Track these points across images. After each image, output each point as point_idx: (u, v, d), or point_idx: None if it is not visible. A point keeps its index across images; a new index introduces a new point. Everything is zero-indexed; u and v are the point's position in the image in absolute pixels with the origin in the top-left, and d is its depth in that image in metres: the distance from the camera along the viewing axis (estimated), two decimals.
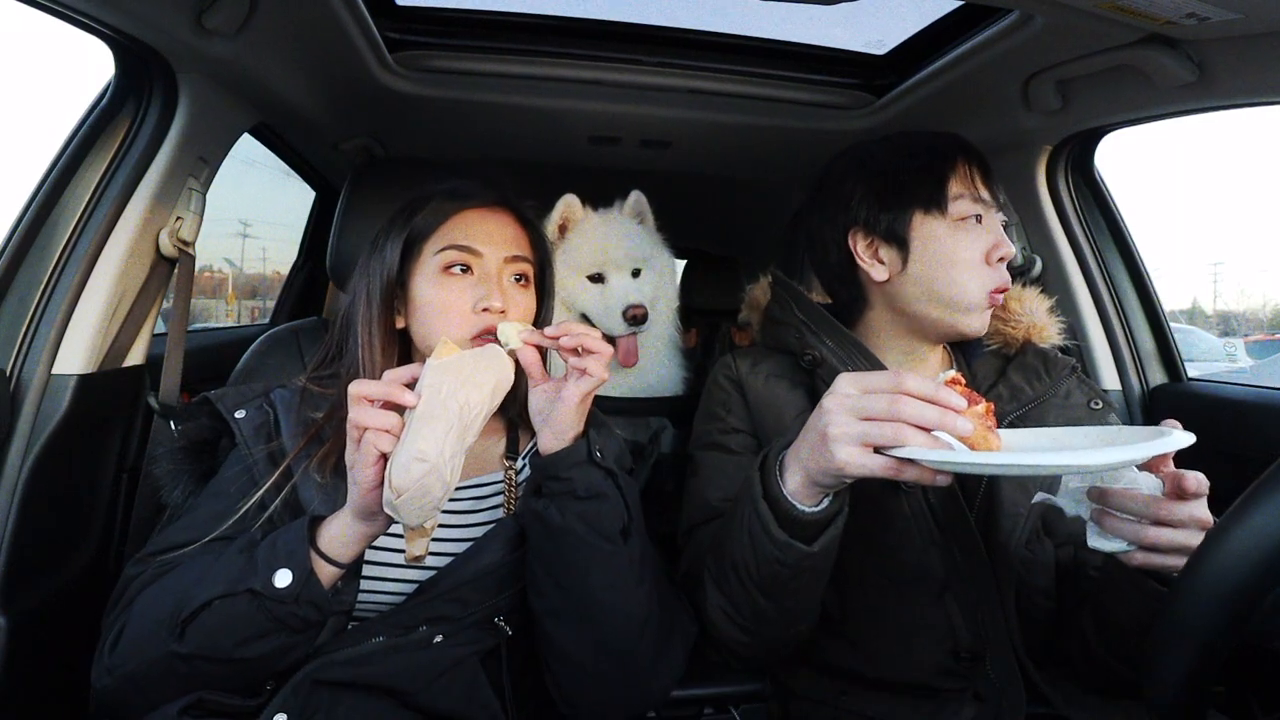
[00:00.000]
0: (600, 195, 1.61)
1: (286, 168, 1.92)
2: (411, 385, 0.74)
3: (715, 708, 1.12)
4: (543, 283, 1.03)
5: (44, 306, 1.06)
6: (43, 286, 1.06)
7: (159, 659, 0.75)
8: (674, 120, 1.60)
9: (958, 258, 0.99)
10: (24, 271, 1.06)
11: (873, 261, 1.05)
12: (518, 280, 0.97)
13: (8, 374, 1.02)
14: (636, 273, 1.51)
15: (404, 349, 0.98)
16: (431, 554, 0.88)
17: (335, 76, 1.35)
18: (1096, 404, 1.06)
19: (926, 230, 1.01)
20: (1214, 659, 0.54)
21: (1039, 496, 0.83)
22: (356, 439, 0.72)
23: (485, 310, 0.91)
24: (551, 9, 1.42)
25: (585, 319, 1.49)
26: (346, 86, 1.40)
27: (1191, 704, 0.55)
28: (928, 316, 1.03)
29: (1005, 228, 1.05)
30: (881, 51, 1.46)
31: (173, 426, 0.98)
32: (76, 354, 1.07)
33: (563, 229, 1.50)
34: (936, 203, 1.00)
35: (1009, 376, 1.08)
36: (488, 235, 0.95)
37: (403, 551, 0.88)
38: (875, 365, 1.03)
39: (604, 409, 1.19)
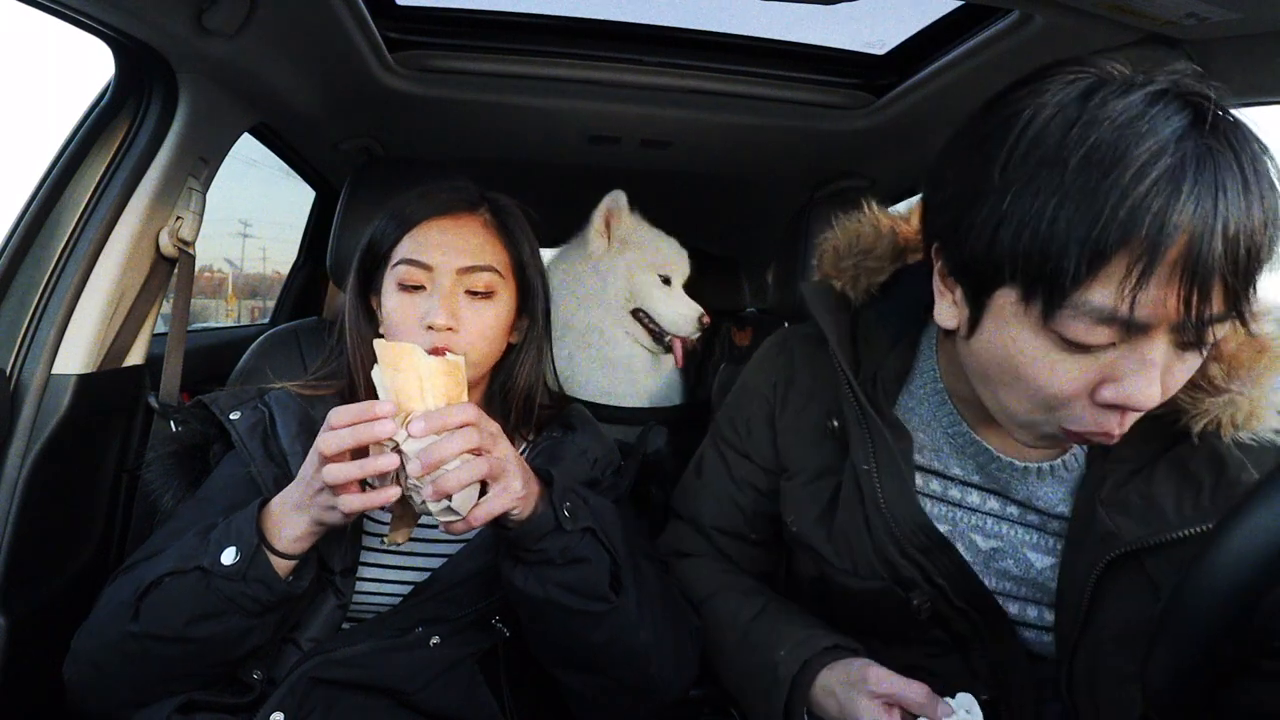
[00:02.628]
0: (600, 195, 1.61)
1: (286, 168, 1.92)
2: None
3: (715, 708, 1.12)
4: (523, 282, 0.98)
5: (44, 306, 1.06)
6: (43, 286, 1.06)
7: (116, 641, 0.75)
8: (674, 120, 1.60)
9: (1033, 379, 0.62)
10: (24, 271, 1.06)
11: (944, 292, 0.70)
12: (477, 294, 0.92)
13: (8, 374, 1.02)
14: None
15: None
16: (427, 555, 0.89)
17: (335, 76, 1.35)
18: None
19: (1008, 325, 0.62)
20: (1214, 659, 0.54)
21: None
22: (339, 490, 0.69)
23: (431, 328, 0.88)
24: (551, 9, 1.42)
25: (644, 316, 1.62)
26: (346, 86, 1.40)
27: (1192, 704, 0.55)
28: (985, 402, 0.71)
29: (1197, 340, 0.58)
30: (881, 51, 1.46)
31: (173, 427, 0.98)
32: (76, 354, 1.07)
33: (608, 224, 1.60)
34: (1043, 303, 0.58)
35: (1153, 480, 0.71)
36: (441, 247, 0.91)
37: (399, 553, 0.89)
38: (889, 448, 0.78)
39: (605, 418, 1.19)
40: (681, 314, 1.61)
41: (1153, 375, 0.58)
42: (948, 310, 0.70)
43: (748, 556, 0.97)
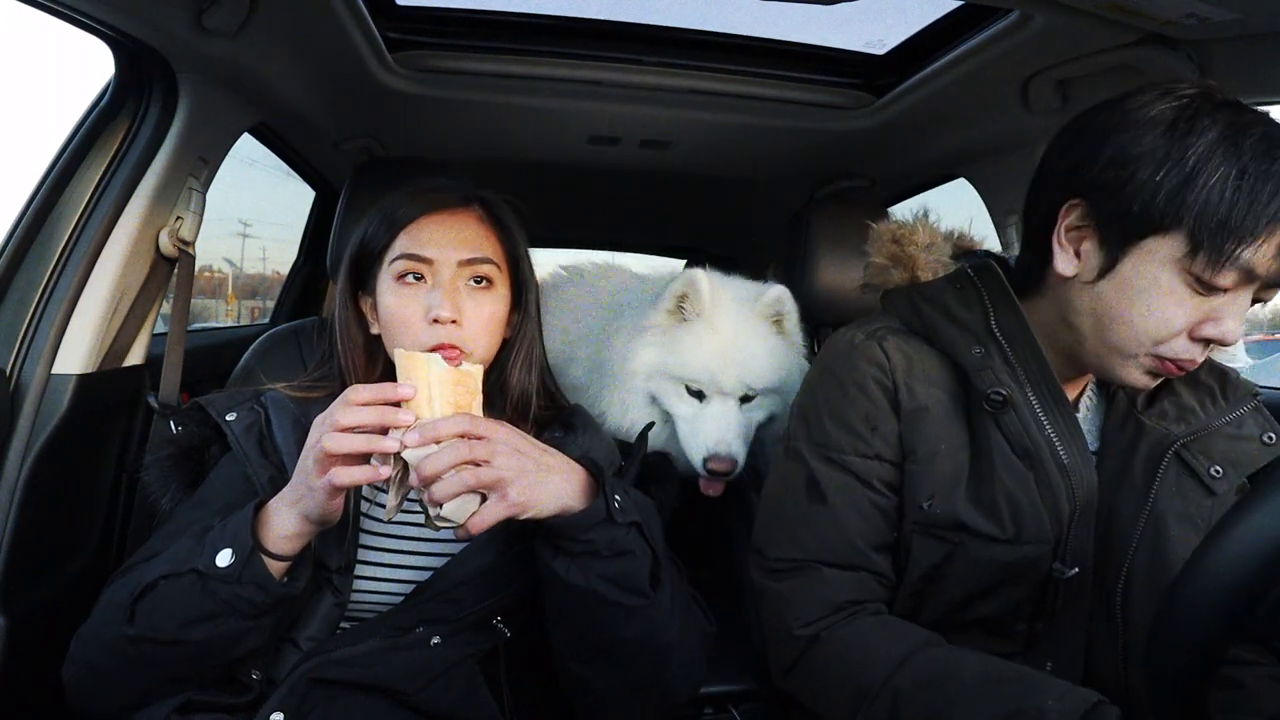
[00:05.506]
0: (600, 195, 1.61)
1: (286, 168, 1.92)
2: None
3: (715, 707, 1.12)
4: (517, 276, 0.99)
5: (44, 306, 1.06)
6: (43, 286, 1.06)
7: (112, 643, 0.75)
8: (674, 120, 1.60)
9: (1157, 314, 0.75)
10: (24, 271, 1.06)
11: (1068, 247, 0.81)
12: (478, 283, 0.93)
13: (8, 374, 1.02)
14: (748, 398, 1.24)
15: (388, 354, 0.97)
16: (427, 554, 0.89)
17: (335, 76, 1.35)
18: (1270, 438, 0.85)
19: (1151, 267, 0.75)
20: (1214, 659, 0.54)
21: None
22: (324, 467, 0.70)
23: (436, 321, 0.88)
24: (551, 9, 1.42)
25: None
26: (346, 86, 1.40)
27: (1192, 704, 0.55)
28: (1084, 344, 0.83)
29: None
30: (881, 51, 1.46)
31: (173, 427, 0.98)
32: (76, 354, 1.07)
33: (681, 307, 1.23)
34: (1209, 252, 0.71)
35: (1176, 391, 0.88)
36: (440, 240, 0.92)
37: (397, 553, 0.89)
38: (1070, 414, 0.84)
39: None
40: (691, 444, 1.21)
41: (1241, 317, 0.75)
42: (1067, 261, 0.81)
43: (889, 571, 0.88)
